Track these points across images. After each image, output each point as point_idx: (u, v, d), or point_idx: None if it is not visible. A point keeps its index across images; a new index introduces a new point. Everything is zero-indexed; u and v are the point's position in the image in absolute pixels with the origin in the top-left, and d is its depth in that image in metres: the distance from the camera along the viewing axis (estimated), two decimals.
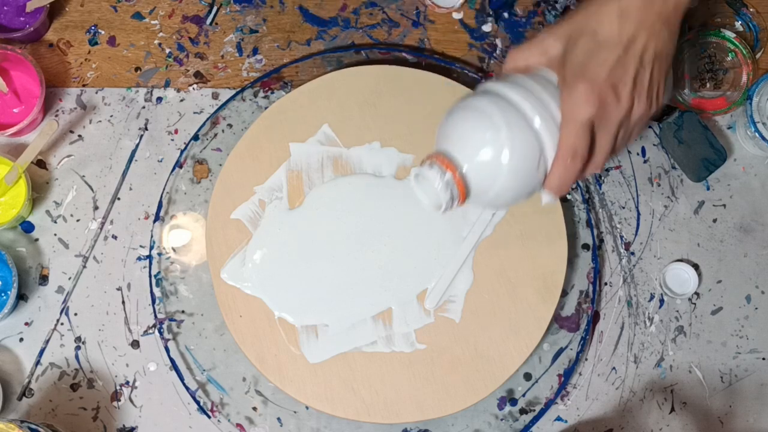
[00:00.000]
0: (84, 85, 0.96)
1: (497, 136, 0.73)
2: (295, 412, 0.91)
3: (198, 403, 0.90)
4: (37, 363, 0.91)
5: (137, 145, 0.95)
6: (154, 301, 0.91)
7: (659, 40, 0.74)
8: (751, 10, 0.99)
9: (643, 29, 0.74)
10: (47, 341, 0.92)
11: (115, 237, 0.93)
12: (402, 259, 0.90)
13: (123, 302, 0.93)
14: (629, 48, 0.73)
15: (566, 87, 0.74)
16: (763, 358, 0.95)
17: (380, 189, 0.91)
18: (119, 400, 0.91)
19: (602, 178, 0.96)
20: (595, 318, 0.94)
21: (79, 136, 0.95)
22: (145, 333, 0.92)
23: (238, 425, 0.90)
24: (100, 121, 0.95)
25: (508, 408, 0.92)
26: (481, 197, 0.76)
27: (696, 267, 0.95)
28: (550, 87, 0.75)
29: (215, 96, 0.96)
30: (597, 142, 0.75)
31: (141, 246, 0.93)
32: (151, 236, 0.92)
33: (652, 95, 0.75)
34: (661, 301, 0.95)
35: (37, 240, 0.93)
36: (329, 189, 0.91)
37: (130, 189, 0.94)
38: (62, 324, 0.92)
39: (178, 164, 0.94)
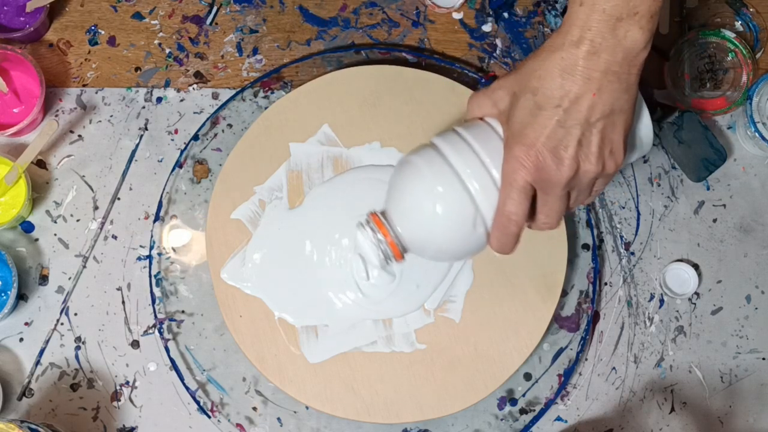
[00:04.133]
0: (84, 85, 0.96)
1: (428, 194, 0.73)
2: (295, 412, 0.91)
3: (198, 403, 0.90)
4: (37, 363, 0.91)
5: (137, 145, 0.95)
6: (154, 301, 0.91)
7: (610, 96, 0.68)
8: (751, 10, 0.99)
9: (589, 86, 0.68)
10: (47, 341, 0.92)
11: (115, 237, 0.93)
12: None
13: (123, 302, 0.93)
14: (572, 109, 0.68)
15: (506, 149, 0.71)
16: (763, 358, 0.95)
17: (380, 183, 0.90)
18: (119, 400, 0.91)
19: None
20: (595, 318, 0.94)
21: (79, 136, 0.95)
22: (145, 333, 0.92)
23: (238, 425, 0.90)
24: (100, 121, 0.95)
25: (508, 408, 0.92)
26: (422, 253, 0.77)
27: (696, 267, 0.95)
28: (496, 142, 0.73)
29: (215, 96, 0.96)
30: (541, 204, 0.72)
31: (141, 246, 0.93)
32: (151, 236, 0.92)
33: (604, 154, 0.70)
34: (661, 301, 0.95)
35: (37, 240, 0.93)
36: (329, 187, 0.91)
37: (130, 189, 0.94)
38: (62, 324, 0.92)
39: (178, 164, 0.94)
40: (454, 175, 0.73)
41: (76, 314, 0.92)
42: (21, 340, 0.91)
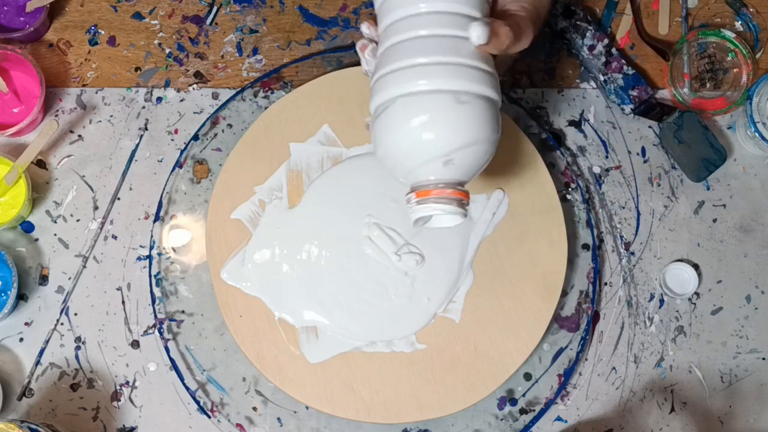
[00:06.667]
0: (84, 85, 0.96)
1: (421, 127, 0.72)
2: (295, 412, 0.91)
3: (198, 403, 0.90)
4: (37, 363, 0.91)
5: (137, 145, 0.95)
6: (154, 301, 0.91)
7: None
8: (751, 10, 0.99)
9: None
10: (47, 341, 0.92)
11: (115, 237, 0.93)
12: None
13: (123, 302, 0.93)
14: None
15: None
16: (763, 358, 0.95)
17: (379, 171, 0.90)
18: (119, 400, 0.91)
19: (602, 178, 0.96)
20: (595, 318, 0.94)
21: (79, 136, 0.95)
22: (145, 333, 0.92)
23: (238, 425, 0.90)
24: (100, 121, 0.95)
25: (508, 408, 0.92)
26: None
27: (696, 267, 0.95)
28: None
29: (215, 96, 0.96)
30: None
31: (141, 246, 0.93)
32: (151, 236, 0.92)
33: None
34: (661, 301, 0.95)
35: (37, 240, 0.93)
36: (327, 182, 0.91)
37: (130, 189, 0.94)
38: (62, 324, 0.92)
39: (178, 164, 0.94)
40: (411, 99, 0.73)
41: (76, 314, 0.92)
42: (21, 340, 0.91)
